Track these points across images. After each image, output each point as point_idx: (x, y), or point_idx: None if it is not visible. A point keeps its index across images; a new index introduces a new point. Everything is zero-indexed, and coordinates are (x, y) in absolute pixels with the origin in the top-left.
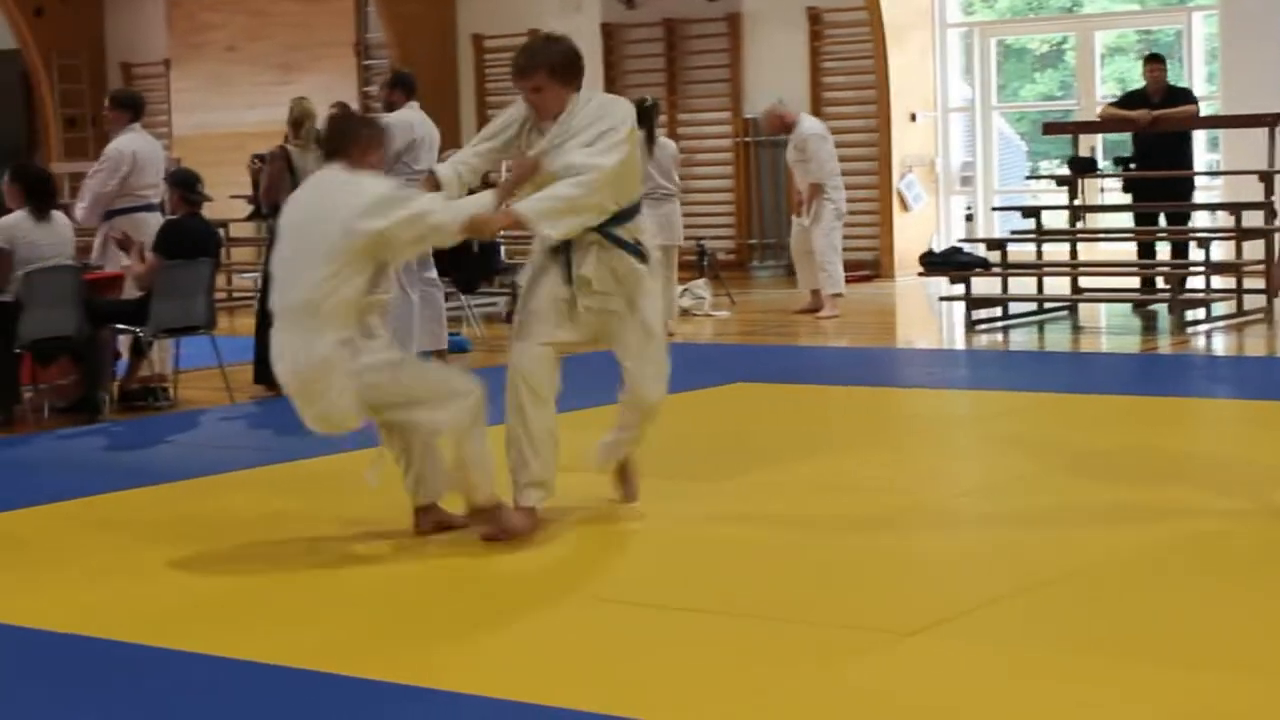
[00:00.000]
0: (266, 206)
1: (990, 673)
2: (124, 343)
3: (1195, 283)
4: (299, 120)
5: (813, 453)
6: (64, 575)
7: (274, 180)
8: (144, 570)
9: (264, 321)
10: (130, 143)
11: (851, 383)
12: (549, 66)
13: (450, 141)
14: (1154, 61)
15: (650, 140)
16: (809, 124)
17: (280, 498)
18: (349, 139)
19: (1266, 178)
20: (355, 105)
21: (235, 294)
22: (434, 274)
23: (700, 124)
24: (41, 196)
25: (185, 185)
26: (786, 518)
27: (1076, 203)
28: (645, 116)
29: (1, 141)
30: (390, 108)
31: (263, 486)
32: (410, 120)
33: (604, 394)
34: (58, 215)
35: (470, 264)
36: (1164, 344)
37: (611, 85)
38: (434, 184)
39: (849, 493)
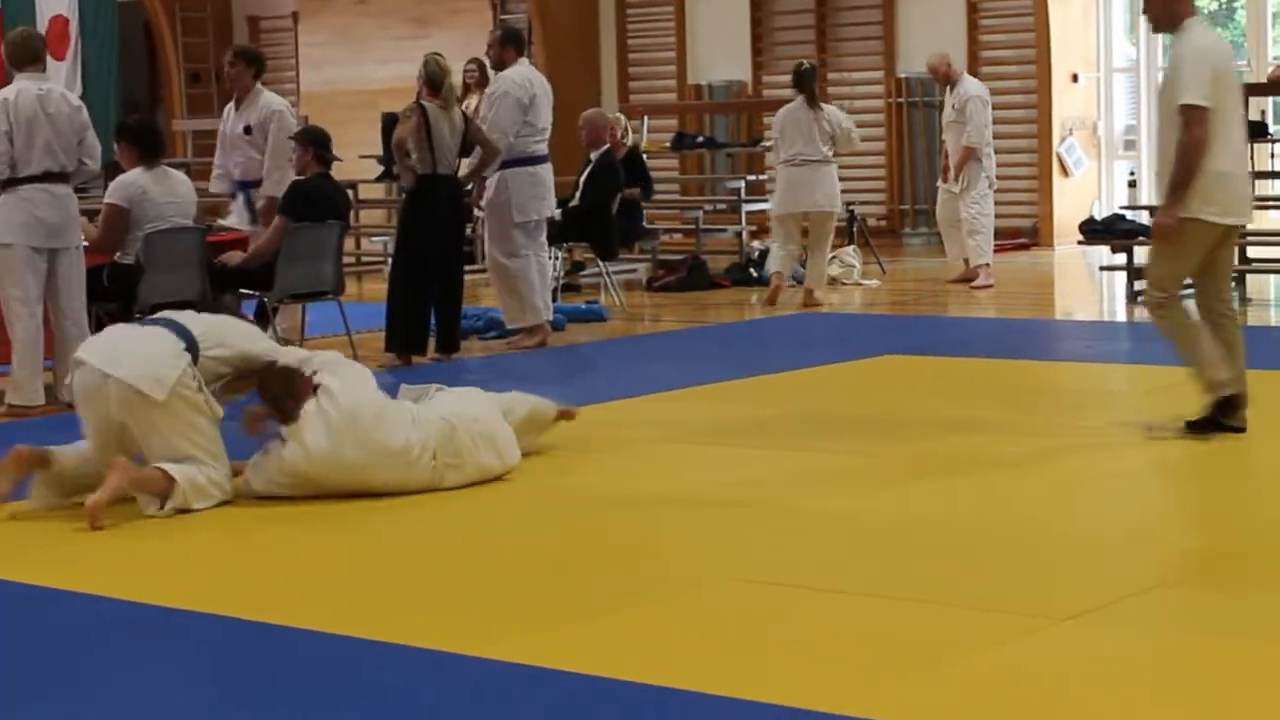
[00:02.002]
0: (397, 164)
1: (1149, 660)
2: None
3: None
4: (436, 79)
5: (963, 428)
6: (181, 548)
7: (406, 137)
8: (258, 545)
9: (396, 287)
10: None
11: (1006, 355)
12: None
13: (590, 100)
14: None
15: (812, 104)
16: (972, 84)
17: None
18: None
19: None
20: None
21: (364, 258)
22: (544, 240)
23: (852, 84)
24: (149, 148)
25: (317, 143)
26: (934, 496)
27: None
28: (804, 80)
29: (124, 97)
30: (501, 65)
31: None
32: (528, 77)
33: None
34: (178, 174)
35: (609, 230)
36: None
37: (759, 43)
38: None
39: (1000, 470)
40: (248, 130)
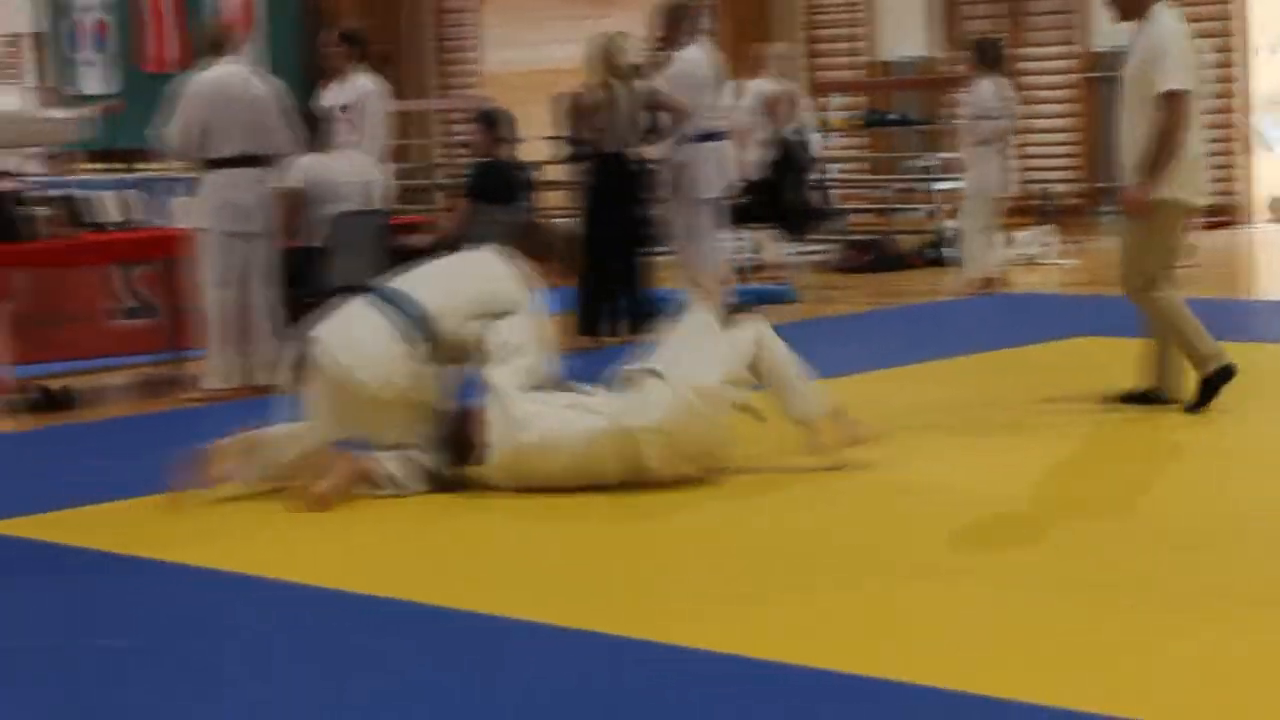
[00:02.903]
0: (577, 143)
1: None
2: None
3: None
4: (612, 57)
5: (1153, 412)
6: (357, 531)
7: (585, 110)
8: (429, 531)
9: (582, 269)
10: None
11: None
12: None
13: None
14: None
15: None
16: None
17: None
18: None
19: None
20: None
21: None
22: (725, 219)
23: (1042, 59)
24: (318, 131)
25: (498, 124)
26: (1118, 482)
27: None
28: (1002, 55)
29: (305, 78)
30: (672, 43)
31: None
32: (699, 58)
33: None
34: (355, 154)
35: (799, 209)
36: None
37: (951, 13)
38: None
39: (1189, 457)
40: (344, 109)
